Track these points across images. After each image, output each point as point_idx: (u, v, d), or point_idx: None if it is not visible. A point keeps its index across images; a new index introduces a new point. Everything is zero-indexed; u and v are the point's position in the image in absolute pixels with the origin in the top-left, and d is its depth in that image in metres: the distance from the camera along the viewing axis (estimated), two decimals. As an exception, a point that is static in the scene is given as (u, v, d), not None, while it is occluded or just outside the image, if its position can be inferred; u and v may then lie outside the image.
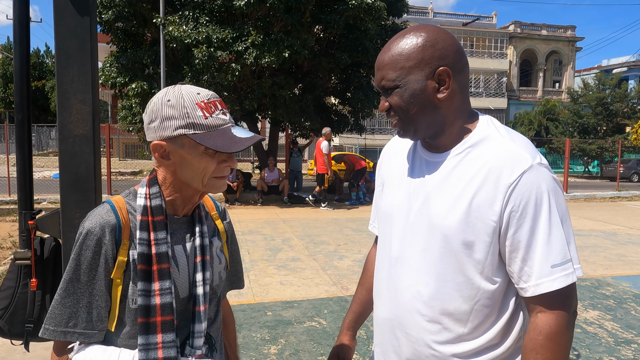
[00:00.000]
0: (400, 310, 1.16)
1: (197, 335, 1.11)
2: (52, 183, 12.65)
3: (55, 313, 1.04)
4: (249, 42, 10.40)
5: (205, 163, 1.07)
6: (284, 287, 5.29)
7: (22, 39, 1.99)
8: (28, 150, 2.05)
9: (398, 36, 1.12)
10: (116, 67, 12.28)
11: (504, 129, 1.13)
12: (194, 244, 1.14)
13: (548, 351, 1.01)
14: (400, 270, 1.17)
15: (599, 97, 28.37)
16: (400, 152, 1.27)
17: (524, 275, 1.04)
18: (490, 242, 1.05)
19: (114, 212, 1.08)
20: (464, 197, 1.06)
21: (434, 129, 1.12)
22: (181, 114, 1.04)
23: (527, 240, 1.03)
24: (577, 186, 19.68)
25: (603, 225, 9.91)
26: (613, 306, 4.82)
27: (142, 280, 1.05)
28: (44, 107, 42.35)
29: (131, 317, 1.07)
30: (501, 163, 1.04)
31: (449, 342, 1.10)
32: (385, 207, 1.25)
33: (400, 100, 1.09)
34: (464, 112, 1.14)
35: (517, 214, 1.02)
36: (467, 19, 37.90)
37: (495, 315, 1.09)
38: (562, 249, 1.02)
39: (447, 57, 1.08)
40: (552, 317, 1.02)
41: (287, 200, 12.34)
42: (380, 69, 1.12)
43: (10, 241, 7.32)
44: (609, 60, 44.89)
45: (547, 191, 1.02)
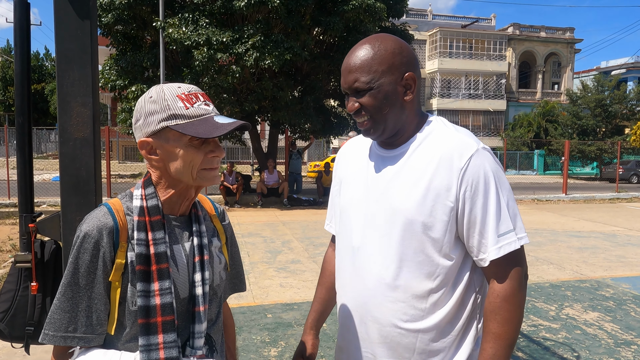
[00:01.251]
0: (366, 297, 1.24)
1: (198, 335, 1.11)
2: (51, 186, 12.66)
3: (54, 318, 1.04)
4: (250, 44, 10.41)
5: (192, 155, 1.07)
6: (284, 289, 5.29)
7: (23, 42, 2.00)
8: (29, 153, 2.05)
9: (365, 42, 1.21)
10: (116, 70, 12.29)
11: (450, 124, 1.27)
12: (192, 243, 1.14)
13: (505, 311, 1.15)
14: (363, 258, 1.24)
15: (597, 99, 28.40)
16: (356, 152, 1.37)
17: (482, 247, 1.16)
18: (447, 221, 1.16)
19: (111, 214, 1.08)
20: (421, 183, 1.17)
21: (398, 127, 1.23)
22: (162, 107, 1.07)
23: (482, 216, 1.15)
24: (577, 188, 19.70)
25: (602, 227, 9.91)
26: (613, 307, 4.82)
27: (141, 281, 1.04)
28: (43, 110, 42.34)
29: (131, 319, 1.06)
30: (451, 150, 1.17)
31: (414, 320, 1.20)
32: (344, 202, 1.33)
33: (374, 101, 1.18)
34: (418, 113, 1.27)
35: (470, 193, 1.15)
36: (466, 21, 37.96)
37: (452, 289, 1.20)
38: (505, 221, 1.16)
39: (411, 64, 1.21)
40: (506, 281, 1.16)
41: (286, 202, 12.34)
42: (352, 72, 1.20)
43: (9, 244, 7.32)
44: (608, 62, 44.99)
45: (491, 171, 1.16)
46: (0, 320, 1.94)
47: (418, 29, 32.89)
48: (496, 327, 1.15)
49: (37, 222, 2.02)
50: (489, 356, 1.15)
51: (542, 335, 4.10)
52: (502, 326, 1.15)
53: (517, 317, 1.16)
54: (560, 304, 4.91)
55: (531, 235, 8.79)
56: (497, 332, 1.15)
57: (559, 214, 11.91)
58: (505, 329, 1.15)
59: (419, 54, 34.93)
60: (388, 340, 1.22)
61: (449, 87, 35.13)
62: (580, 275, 6.10)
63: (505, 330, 1.15)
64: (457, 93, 35.06)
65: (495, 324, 1.15)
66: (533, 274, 6.08)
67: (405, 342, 1.20)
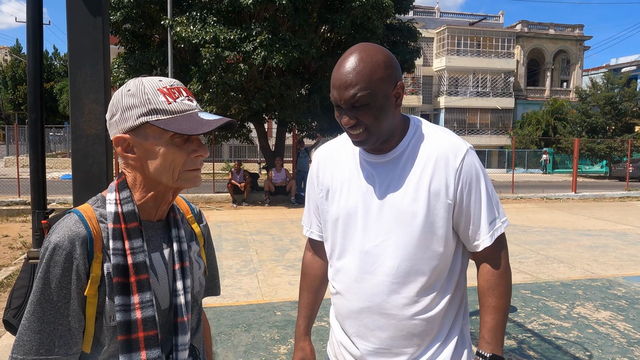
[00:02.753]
0: (378, 296, 1.29)
1: (181, 348, 1.04)
2: (60, 184, 12.75)
3: (23, 340, 0.93)
4: (257, 42, 10.41)
5: (173, 154, 0.99)
6: (293, 287, 5.29)
7: (36, 40, 2.00)
8: (41, 150, 2.06)
9: (354, 55, 1.19)
10: (124, 68, 12.35)
11: (431, 124, 1.35)
12: (172, 250, 1.07)
13: (501, 286, 1.30)
14: (372, 261, 1.29)
15: (607, 97, 28.13)
16: (339, 159, 1.39)
17: (477, 236, 1.29)
18: (448, 217, 1.27)
19: (83, 222, 0.98)
20: (422, 185, 1.25)
21: (389, 134, 1.27)
22: (142, 100, 0.98)
23: (475, 209, 1.28)
24: (586, 186, 19.54)
25: (613, 225, 9.82)
26: (625, 307, 4.77)
27: (120, 294, 0.96)
28: (52, 108, 42.68)
29: (109, 336, 0.98)
30: (445, 151, 1.26)
31: (426, 310, 1.29)
32: (340, 210, 1.35)
33: (371, 115, 1.21)
34: (401, 116, 1.33)
35: (465, 190, 1.26)
36: (473, 18, 37.75)
37: (451, 275, 1.32)
38: (493, 209, 1.30)
39: (399, 71, 1.25)
40: (499, 261, 1.31)
41: (294, 200, 12.35)
42: (348, 87, 1.18)
43: (20, 241, 7.38)
44: (618, 59, 44.53)
45: (479, 168, 1.29)
46: (14, 317, 1.95)
47: (425, 26, 32.75)
48: (495, 301, 1.29)
49: (49, 218, 2.03)
50: (491, 327, 1.28)
51: (554, 334, 4.07)
52: (500, 299, 1.29)
53: (510, 290, 1.32)
54: (572, 303, 4.86)
55: (541, 234, 8.73)
56: (496, 305, 1.29)
57: (569, 212, 11.82)
58: (502, 301, 1.29)
59: (427, 51, 34.77)
60: (405, 332, 1.29)
61: (457, 85, 34.95)
62: (592, 274, 6.04)
63: (503, 302, 1.29)
64: (464, 91, 34.87)
65: (494, 298, 1.29)
66: (543, 273, 6.03)
67: (418, 330, 1.29)
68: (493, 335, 1.28)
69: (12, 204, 10.69)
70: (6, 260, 6.31)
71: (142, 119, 0.98)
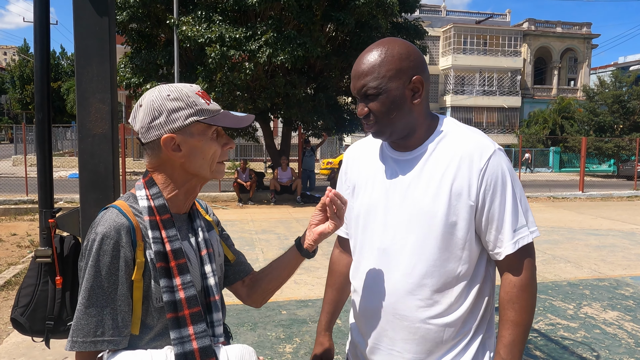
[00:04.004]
0: (392, 296, 1.26)
1: (217, 324, 1.16)
2: (68, 183, 12.83)
3: (81, 324, 1.03)
4: (262, 41, 10.41)
5: (215, 147, 1.13)
6: (298, 286, 5.29)
7: (43, 39, 2.01)
8: (48, 149, 2.07)
9: (373, 47, 1.24)
10: (130, 67, 12.39)
11: (461, 124, 1.31)
12: (197, 238, 1.18)
13: (523, 300, 1.22)
14: (389, 260, 1.27)
15: (615, 95, 27.88)
16: (367, 156, 1.39)
17: (498, 242, 1.23)
18: (470, 219, 1.22)
19: (123, 214, 1.08)
20: (444, 184, 1.21)
21: (407, 130, 1.26)
22: (188, 103, 1.10)
23: (499, 213, 1.21)
24: (593, 185, 19.40)
25: (621, 225, 9.74)
26: (633, 307, 4.74)
27: (164, 277, 1.06)
28: (59, 108, 42.96)
29: (156, 316, 1.08)
30: (470, 151, 1.22)
31: (442, 315, 1.24)
32: (362, 206, 1.35)
33: (382, 106, 1.22)
34: (428, 115, 1.30)
35: (489, 192, 1.21)
36: (480, 16, 37.56)
37: (472, 282, 1.26)
38: (520, 217, 1.23)
39: (419, 67, 1.23)
40: (522, 272, 1.23)
41: (300, 199, 12.36)
42: (361, 77, 1.23)
43: (28, 240, 7.43)
44: (626, 58, 44.16)
45: (507, 170, 1.23)
46: (21, 315, 1.97)
47: (432, 25, 32.62)
48: (514, 315, 1.21)
49: (56, 217, 2.04)
50: (507, 342, 1.21)
51: (560, 334, 4.04)
52: (520, 314, 1.21)
53: (532, 305, 1.23)
54: (579, 303, 4.83)
55: (547, 233, 8.68)
56: (515, 319, 1.21)
57: (576, 211, 11.74)
58: (523, 317, 1.21)
59: (433, 50, 34.63)
60: (417, 336, 1.25)
61: (463, 83, 34.80)
62: (599, 274, 6.00)
63: (523, 318, 1.21)
64: (471, 90, 34.72)
65: (514, 312, 1.21)
66: (550, 272, 6.00)
67: (433, 336, 1.24)
68: (509, 351, 1.21)
69: (20, 202, 10.77)
70: (14, 259, 6.36)
71: (191, 118, 1.10)
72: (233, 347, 1.12)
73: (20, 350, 3.57)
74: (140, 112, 1.11)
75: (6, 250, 6.87)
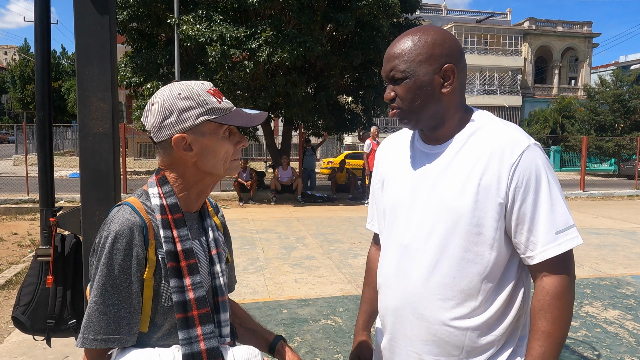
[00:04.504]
0: (414, 295, 1.21)
1: (224, 324, 1.16)
2: (68, 182, 12.84)
3: (93, 321, 1.03)
4: (262, 40, 10.41)
5: (227, 146, 1.12)
6: (299, 285, 5.29)
7: (43, 38, 2.01)
8: (49, 148, 2.07)
9: (409, 32, 1.20)
10: (131, 67, 12.40)
11: (497, 119, 1.23)
12: (207, 237, 1.18)
13: (555, 309, 1.12)
14: (411, 257, 1.22)
15: (616, 94, 27.85)
16: (397, 149, 1.34)
17: (530, 245, 1.13)
18: (498, 218, 1.14)
19: (136, 212, 1.08)
20: (472, 179, 1.14)
21: (435, 120, 1.20)
22: (199, 102, 1.09)
23: (531, 212, 1.12)
24: (594, 184, 19.38)
25: (622, 224, 9.74)
26: (634, 306, 4.74)
27: (174, 277, 1.06)
28: (60, 107, 42.97)
29: (164, 316, 1.08)
30: (502, 145, 1.14)
31: (463, 317, 1.17)
32: (388, 200, 1.31)
33: (407, 91, 1.17)
34: (461, 107, 1.23)
35: (520, 189, 1.12)
36: (480, 15, 37.54)
37: (500, 287, 1.18)
38: (564, 216, 1.13)
39: (453, 55, 1.17)
40: (557, 279, 1.13)
41: (300, 199, 12.36)
42: (391, 60, 1.19)
43: (29, 239, 7.44)
44: (627, 57, 44.13)
45: (543, 167, 1.13)
46: (22, 313, 1.97)
47: (432, 24, 32.58)
48: (546, 326, 1.12)
49: (57, 216, 2.04)
50: (537, 355, 1.12)
51: (561, 333, 4.04)
52: (552, 324, 1.12)
53: (567, 315, 1.13)
54: (580, 302, 4.83)
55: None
56: (547, 330, 1.12)
57: (577, 210, 11.73)
58: (555, 328, 1.12)
59: (433, 49, 34.55)
60: (436, 338, 1.19)
61: (464, 82, 34.78)
62: (600, 273, 5.99)
63: (556, 329, 1.12)
64: (471, 89, 34.70)
65: (545, 322, 1.12)
66: (551, 272, 5.98)
67: (454, 340, 1.18)
68: None
69: (21, 202, 10.78)
70: (15, 258, 6.36)
71: (202, 117, 1.08)
72: (240, 349, 1.12)
73: (22, 349, 3.58)
74: (152, 111, 1.10)
75: (7, 249, 6.87)
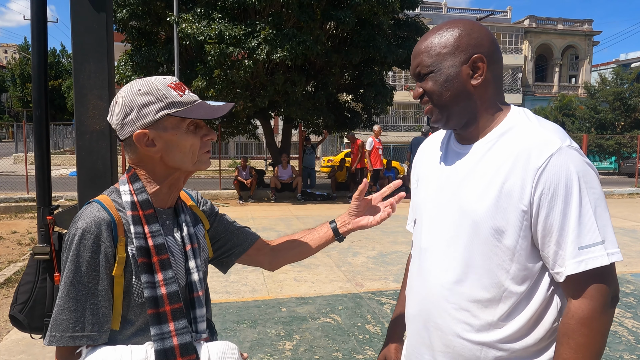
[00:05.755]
0: (429, 302, 1.15)
1: (200, 320, 1.15)
2: (69, 181, 12.84)
3: (60, 319, 1.02)
4: (261, 38, 10.39)
5: (191, 140, 1.10)
6: (299, 283, 5.29)
7: (40, 36, 2.00)
8: (46, 146, 2.07)
9: (435, 27, 1.15)
10: (131, 65, 12.39)
11: (534, 117, 1.12)
12: (181, 233, 1.17)
13: (580, 336, 0.99)
14: (429, 261, 1.17)
15: (616, 92, 27.84)
16: (434, 148, 1.28)
17: (559, 259, 1.02)
18: (520, 227, 1.03)
19: (105, 209, 1.07)
20: (494, 183, 1.05)
21: (466, 117, 1.12)
22: (158, 96, 1.08)
23: (560, 223, 1.00)
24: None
25: (622, 222, 9.73)
26: (633, 304, 4.73)
27: (145, 273, 1.06)
28: (60, 106, 42.98)
29: (137, 312, 1.07)
30: (529, 147, 1.03)
31: (478, 331, 1.08)
32: (418, 201, 1.27)
33: (434, 85, 1.11)
34: (496, 103, 1.14)
35: (547, 197, 1.00)
36: (481, 13, 37.47)
37: (526, 303, 1.06)
38: (591, 231, 0.99)
39: (482, 45, 1.10)
40: (585, 301, 1.00)
41: (300, 197, 12.35)
42: (417, 56, 1.15)
43: (28, 237, 7.44)
44: (627, 54, 44.08)
45: (576, 173, 1.00)
46: (20, 312, 1.97)
47: (433, 22, 32.53)
48: (568, 353, 1.00)
49: (54, 214, 2.04)
50: None
51: (560, 331, 4.04)
52: (575, 353, 0.99)
53: (595, 344, 1.00)
54: (579, 300, 4.83)
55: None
56: (568, 358, 1.00)
57: (577, 209, 11.72)
58: (578, 357, 0.99)
59: (433, 47, 34.51)
60: (450, 349, 1.12)
61: (464, 81, 34.75)
62: (599, 271, 5.99)
63: (578, 358, 0.99)
64: (472, 87, 34.67)
65: (568, 349, 1.00)
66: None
67: (468, 354, 1.10)
68: None
69: (20, 200, 10.78)
70: (14, 256, 6.37)
71: (162, 112, 1.07)
72: (215, 344, 1.12)
73: (20, 347, 3.58)
74: (116, 108, 1.10)
75: (6, 248, 6.88)
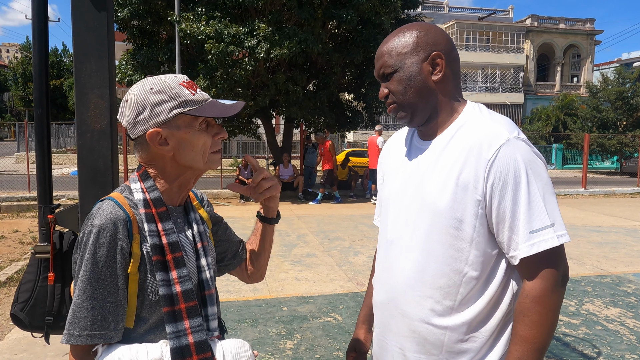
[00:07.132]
0: (395, 290, 1.23)
1: (212, 318, 1.15)
2: (70, 180, 12.85)
3: (78, 317, 1.01)
4: (260, 36, 10.39)
5: (204, 138, 1.10)
6: (300, 282, 5.30)
7: (41, 35, 2.01)
8: (47, 145, 2.07)
9: (396, 31, 1.23)
10: (132, 64, 12.39)
11: (487, 111, 1.20)
12: (192, 231, 1.18)
13: (534, 313, 1.07)
14: (395, 252, 1.24)
15: (618, 91, 27.74)
16: (398, 146, 1.35)
17: (512, 244, 1.10)
18: (477, 215, 1.11)
19: (120, 207, 1.07)
20: (452, 176, 1.13)
21: (429, 112, 1.20)
22: (171, 95, 1.07)
23: (512, 210, 1.09)
24: (596, 182, 19.33)
25: (624, 222, 9.71)
26: (635, 303, 4.73)
27: (160, 271, 1.05)
28: (62, 105, 43.05)
29: (150, 310, 1.07)
30: (481, 140, 1.11)
31: (442, 315, 1.16)
32: (384, 195, 1.33)
33: (398, 83, 1.18)
34: (454, 98, 1.22)
35: (498, 186, 1.09)
36: (482, 13, 37.41)
37: (484, 287, 1.15)
38: (540, 216, 1.08)
39: (439, 43, 1.18)
40: (538, 282, 1.08)
41: (301, 196, 12.36)
42: (380, 58, 1.22)
43: (30, 236, 7.46)
44: (629, 54, 43.99)
45: (523, 162, 1.08)
46: (21, 310, 1.97)
47: (434, 21, 32.51)
48: (524, 330, 1.08)
49: (55, 213, 2.04)
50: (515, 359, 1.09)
51: (562, 330, 4.03)
52: (530, 329, 1.08)
53: (548, 320, 1.08)
54: (580, 300, 4.82)
55: (549, 230, 8.64)
56: (525, 335, 1.08)
57: (578, 208, 11.70)
58: (533, 332, 1.07)
59: (435, 47, 34.46)
60: (416, 335, 1.19)
61: (465, 80, 34.69)
62: (601, 271, 5.98)
63: (534, 334, 1.07)
64: (473, 86, 34.62)
65: (523, 326, 1.08)
66: (552, 269, 5.98)
67: (432, 338, 1.17)
68: None
69: (22, 199, 10.80)
70: (16, 255, 6.38)
71: (175, 111, 1.07)
72: (228, 342, 1.12)
73: (22, 346, 3.58)
74: (127, 107, 1.09)
75: (8, 246, 6.89)
